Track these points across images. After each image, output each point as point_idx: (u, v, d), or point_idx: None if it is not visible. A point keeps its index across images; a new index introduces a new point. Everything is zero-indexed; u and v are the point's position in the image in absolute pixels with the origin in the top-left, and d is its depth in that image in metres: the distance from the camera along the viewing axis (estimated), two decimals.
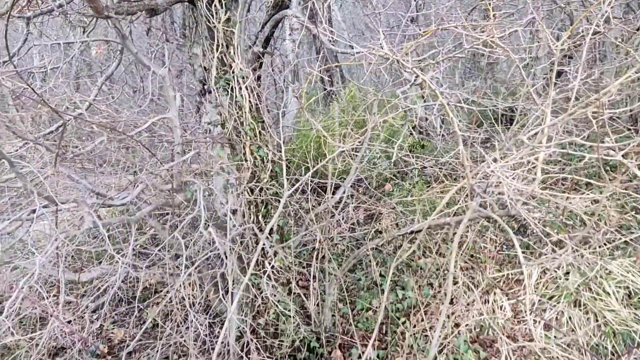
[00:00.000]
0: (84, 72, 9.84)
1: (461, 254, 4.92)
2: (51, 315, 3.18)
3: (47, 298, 3.19)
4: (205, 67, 4.24)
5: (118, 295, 4.07)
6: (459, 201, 4.12)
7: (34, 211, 3.28)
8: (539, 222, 3.21)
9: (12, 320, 3.02)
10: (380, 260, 5.11)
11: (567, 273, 4.43)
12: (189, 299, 3.67)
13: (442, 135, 6.83)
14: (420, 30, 3.72)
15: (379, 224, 5.68)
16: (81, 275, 3.75)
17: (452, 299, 4.59)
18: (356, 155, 4.90)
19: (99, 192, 3.68)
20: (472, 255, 5.11)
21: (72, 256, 4.89)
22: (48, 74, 6.20)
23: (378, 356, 4.24)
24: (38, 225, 3.78)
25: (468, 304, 4.55)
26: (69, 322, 3.54)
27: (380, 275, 4.73)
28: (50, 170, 3.26)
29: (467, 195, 4.12)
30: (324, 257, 4.33)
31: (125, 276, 3.90)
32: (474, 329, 4.37)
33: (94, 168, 4.33)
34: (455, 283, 4.65)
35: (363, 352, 3.99)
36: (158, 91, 5.96)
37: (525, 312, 4.21)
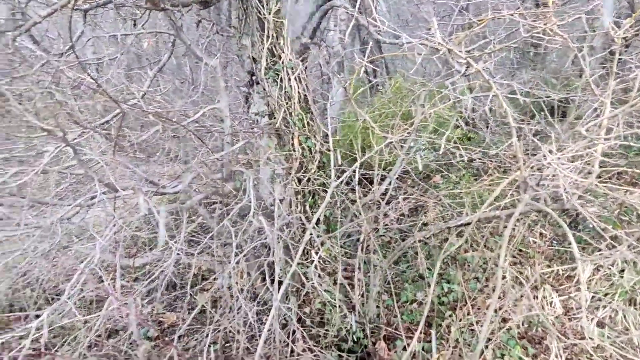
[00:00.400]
0: (135, 63, 10.11)
1: (510, 248, 4.81)
2: (108, 297, 3.31)
3: (105, 282, 3.32)
4: (254, 58, 4.29)
5: (170, 280, 4.19)
6: (508, 194, 4.03)
7: (92, 197, 3.42)
8: (594, 217, 3.10)
9: (74, 302, 3.16)
10: (425, 252, 5.06)
11: (622, 270, 4.29)
12: (237, 285, 3.74)
13: (490, 126, 6.68)
14: (471, 19, 3.64)
15: (425, 216, 5.62)
16: (135, 260, 3.88)
17: (500, 294, 4.50)
18: (403, 147, 4.85)
19: (152, 180, 3.79)
20: (520, 250, 5.00)
21: (127, 242, 5.06)
22: (103, 65, 6.41)
23: (423, 349, 4.22)
24: (92, 212, 3.93)
25: (516, 299, 4.46)
26: (125, 304, 3.66)
27: (427, 268, 4.69)
28: (108, 158, 3.38)
29: (517, 188, 4.03)
30: (368, 247, 4.32)
31: (175, 262, 4.01)
32: (522, 324, 4.28)
33: (147, 157, 4.45)
34: (503, 277, 4.56)
35: (408, 345, 3.98)
36: (209, 82, 6.06)
37: (578, 308, 4.10)
